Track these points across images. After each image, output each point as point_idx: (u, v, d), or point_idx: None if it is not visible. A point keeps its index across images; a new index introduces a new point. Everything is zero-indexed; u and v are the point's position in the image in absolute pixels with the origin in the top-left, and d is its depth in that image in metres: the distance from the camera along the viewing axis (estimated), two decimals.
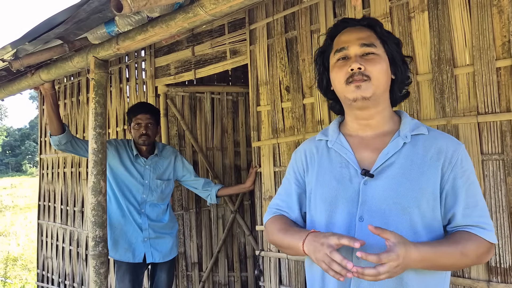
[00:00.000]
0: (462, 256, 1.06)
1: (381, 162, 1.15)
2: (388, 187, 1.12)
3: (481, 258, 1.11)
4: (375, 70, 1.14)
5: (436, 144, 1.15)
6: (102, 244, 2.09)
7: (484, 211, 1.13)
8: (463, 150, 1.15)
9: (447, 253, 1.05)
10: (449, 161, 1.13)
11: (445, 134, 1.20)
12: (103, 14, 1.68)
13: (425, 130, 1.19)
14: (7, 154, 50.79)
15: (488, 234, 1.10)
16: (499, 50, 1.70)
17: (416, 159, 1.14)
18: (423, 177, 1.12)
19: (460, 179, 1.12)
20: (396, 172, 1.13)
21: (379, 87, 1.15)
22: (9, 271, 6.57)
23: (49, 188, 4.75)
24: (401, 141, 1.16)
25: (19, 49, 2.03)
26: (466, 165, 1.14)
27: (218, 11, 1.49)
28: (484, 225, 1.11)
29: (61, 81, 4.57)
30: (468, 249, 1.07)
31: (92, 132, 2.10)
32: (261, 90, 2.62)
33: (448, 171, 1.13)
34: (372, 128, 1.21)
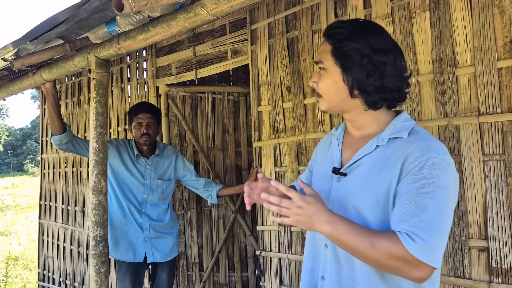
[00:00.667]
0: (370, 245, 1.02)
1: (352, 162, 1.18)
2: (350, 186, 1.16)
3: (398, 266, 1.01)
4: (322, 87, 1.20)
5: (405, 148, 1.09)
6: (103, 244, 2.09)
7: (423, 225, 1.00)
8: (433, 159, 1.04)
9: (356, 234, 1.03)
10: (408, 165, 1.06)
11: (426, 140, 1.10)
12: (104, 13, 1.68)
13: (405, 133, 1.13)
14: (9, 154, 50.87)
15: (410, 243, 0.99)
16: (500, 50, 1.69)
17: (379, 162, 1.13)
18: (378, 181, 1.10)
19: (408, 185, 1.05)
20: (360, 173, 1.16)
21: (331, 101, 1.20)
22: (10, 271, 6.58)
23: (50, 187, 4.75)
24: (375, 143, 1.16)
25: (20, 49, 2.04)
26: (427, 174, 1.03)
27: (219, 11, 1.49)
28: (413, 235, 1.00)
29: (63, 81, 4.58)
30: (380, 243, 1.01)
31: (93, 132, 2.10)
32: (262, 90, 2.62)
33: (403, 176, 1.07)
34: (358, 129, 1.24)
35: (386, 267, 1.03)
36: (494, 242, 1.68)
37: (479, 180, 1.72)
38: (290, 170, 2.44)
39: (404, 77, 1.17)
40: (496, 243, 1.67)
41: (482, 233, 1.72)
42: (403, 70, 1.17)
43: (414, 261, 0.99)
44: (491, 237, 1.68)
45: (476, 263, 1.73)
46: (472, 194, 1.74)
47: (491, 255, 1.68)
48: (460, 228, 1.77)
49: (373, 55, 1.12)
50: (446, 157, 1.06)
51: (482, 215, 1.72)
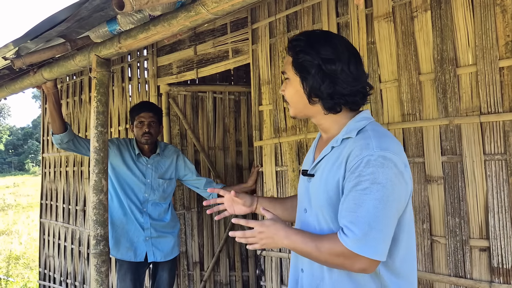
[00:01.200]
0: (316, 249, 1.16)
1: (315, 164, 1.30)
2: (314, 186, 1.28)
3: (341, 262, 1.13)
4: (287, 95, 1.32)
5: (348, 148, 1.18)
6: (104, 243, 2.09)
7: (357, 220, 1.09)
8: (368, 156, 1.11)
9: (306, 242, 1.18)
10: (349, 164, 1.15)
11: (367, 138, 1.16)
12: (105, 12, 1.68)
13: (354, 133, 1.21)
14: (10, 153, 50.93)
15: (345, 239, 1.10)
16: (502, 49, 1.69)
17: (331, 162, 1.23)
18: (329, 180, 1.21)
19: (348, 183, 1.14)
20: (319, 174, 1.27)
21: (297, 107, 1.32)
22: (12, 270, 6.59)
23: (51, 187, 4.76)
24: (330, 145, 1.26)
25: (21, 47, 2.04)
26: (362, 172, 1.10)
27: (220, 10, 1.49)
28: (347, 230, 1.10)
29: (64, 80, 4.58)
30: (323, 245, 1.14)
31: (93, 131, 2.10)
32: (263, 90, 2.62)
33: (347, 174, 1.16)
34: (324, 132, 1.34)
35: (334, 264, 1.16)
36: (496, 242, 1.67)
37: (480, 179, 1.72)
38: (291, 170, 2.43)
39: (360, 81, 1.24)
40: (498, 243, 1.67)
41: (484, 232, 1.71)
42: (359, 75, 1.24)
43: (352, 255, 1.10)
44: (493, 237, 1.68)
45: (477, 263, 1.72)
46: (473, 194, 1.74)
47: (492, 255, 1.68)
48: (461, 228, 1.76)
49: (323, 64, 1.21)
50: (385, 153, 1.11)
51: (484, 215, 1.71)
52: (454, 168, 1.79)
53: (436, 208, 1.84)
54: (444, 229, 1.81)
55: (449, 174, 1.81)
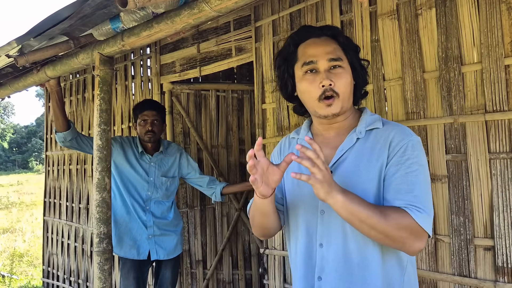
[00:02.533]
0: (381, 215, 1.06)
1: (336, 158, 1.22)
2: (341, 181, 1.17)
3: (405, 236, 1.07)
4: (342, 85, 1.19)
5: (385, 135, 1.18)
6: (107, 241, 2.10)
7: (418, 199, 1.10)
8: (412, 141, 1.16)
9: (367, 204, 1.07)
10: (393, 149, 1.15)
11: (400, 126, 1.21)
12: (108, 9, 1.67)
13: (380, 124, 1.22)
14: (14, 151, 51.12)
15: (416, 213, 1.07)
16: (507, 47, 1.67)
17: (366, 152, 1.19)
18: (371, 168, 1.16)
19: (395, 166, 1.14)
20: (347, 166, 1.20)
21: (345, 100, 1.21)
22: (15, 267, 6.62)
23: (54, 185, 4.77)
24: (355, 137, 1.22)
25: (24, 45, 2.04)
26: (410, 154, 1.14)
27: (223, 7, 1.48)
28: (415, 207, 1.08)
29: (67, 78, 4.59)
30: (389, 214, 1.07)
31: (97, 129, 2.10)
32: (266, 88, 2.61)
33: (390, 159, 1.15)
34: (335, 129, 1.28)
35: (393, 238, 1.07)
36: (500, 241, 1.66)
37: (485, 178, 1.71)
38: None
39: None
40: (502, 242, 1.66)
41: (488, 232, 1.70)
42: None
43: (419, 230, 1.08)
44: (497, 236, 1.67)
45: (481, 262, 1.71)
46: (478, 193, 1.73)
47: (497, 254, 1.67)
48: (466, 227, 1.75)
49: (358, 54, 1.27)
50: (419, 139, 1.19)
51: (488, 214, 1.70)
52: (459, 167, 1.78)
53: (440, 206, 1.83)
54: (448, 228, 1.80)
55: (454, 173, 1.79)
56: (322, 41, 1.24)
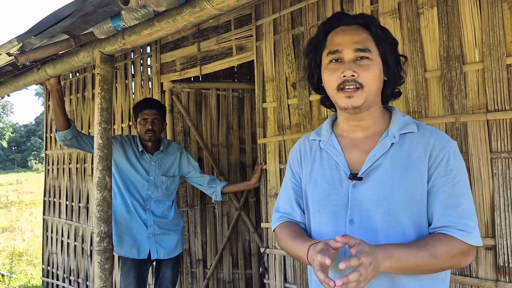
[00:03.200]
0: (431, 257, 1.02)
1: (369, 164, 1.14)
2: (375, 190, 1.11)
3: (457, 261, 1.07)
4: (368, 77, 1.11)
5: (423, 142, 1.12)
6: (107, 240, 2.09)
7: (467, 213, 1.08)
8: (452, 148, 1.11)
9: (414, 253, 1.02)
10: (434, 159, 1.10)
11: (436, 130, 1.16)
12: (109, 8, 1.67)
13: (415, 127, 1.15)
14: (13, 150, 51.05)
15: (466, 236, 1.05)
16: (509, 46, 1.67)
17: (403, 159, 1.12)
18: (409, 178, 1.10)
19: (442, 178, 1.09)
20: (382, 174, 1.12)
21: (370, 94, 1.13)
22: (15, 266, 6.61)
23: (54, 184, 4.76)
24: (388, 141, 1.14)
25: (25, 43, 2.03)
26: (453, 164, 1.09)
27: (225, 5, 1.48)
28: (463, 226, 1.06)
29: (67, 77, 4.58)
30: (439, 250, 1.03)
31: (97, 127, 2.10)
32: (267, 87, 2.61)
33: (432, 170, 1.10)
34: (362, 129, 1.20)
35: (448, 267, 1.08)
36: (502, 241, 1.66)
37: (486, 177, 1.71)
38: None
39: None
40: (504, 242, 1.65)
41: (489, 231, 1.70)
42: None
43: (470, 249, 1.06)
44: (499, 236, 1.67)
45: (483, 261, 1.71)
46: (479, 192, 1.73)
47: (498, 253, 1.66)
48: None
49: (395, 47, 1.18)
50: (456, 143, 1.14)
51: (490, 213, 1.70)
52: None
53: None
54: None
55: None
56: (352, 29, 1.16)
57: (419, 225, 1.11)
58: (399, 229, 1.10)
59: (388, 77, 1.17)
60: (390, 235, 1.09)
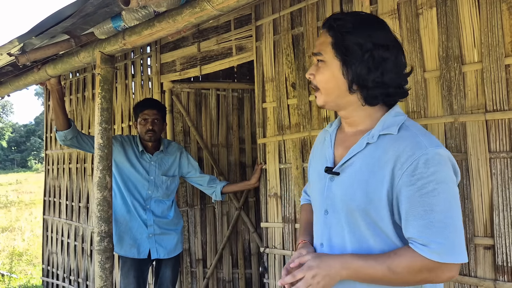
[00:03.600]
0: (389, 272, 1.01)
1: (344, 160, 1.16)
2: (343, 186, 1.14)
3: (424, 277, 1.02)
4: (320, 80, 1.16)
5: (395, 146, 1.07)
6: (108, 239, 2.10)
7: (435, 226, 0.99)
8: (425, 155, 1.02)
9: (372, 266, 1.03)
10: (401, 166, 1.04)
11: (415, 136, 1.07)
12: (110, 8, 1.68)
13: (395, 129, 1.09)
14: (13, 150, 51.04)
15: (427, 251, 0.99)
16: (508, 47, 1.68)
17: (371, 161, 1.10)
18: (371, 181, 1.08)
19: (407, 187, 1.03)
20: (352, 172, 1.13)
21: (329, 95, 1.16)
22: (15, 266, 6.62)
23: (54, 183, 4.77)
24: (365, 141, 1.13)
25: (26, 43, 2.04)
26: (422, 172, 1.01)
27: (225, 6, 1.49)
28: (425, 240, 1.00)
29: (67, 77, 4.59)
30: (397, 265, 1.01)
31: (98, 127, 2.11)
32: (267, 87, 2.62)
33: (398, 178, 1.04)
34: (351, 126, 1.21)
35: (414, 283, 1.04)
36: (500, 240, 1.67)
37: (485, 177, 1.71)
38: (295, 167, 2.43)
39: (404, 74, 1.16)
40: (502, 241, 1.66)
41: (488, 231, 1.71)
42: (404, 67, 1.16)
43: (438, 266, 1.00)
44: (497, 235, 1.67)
45: (481, 261, 1.72)
46: (478, 192, 1.73)
47: (497, 253, 1.67)
48: (466, 226, 1.76)
49: (375, 50, 1.09)
50: (439, 150, 1.04)
51: (488, 213, 1.71)
52: (459, 166, 1.78)
53: None
54: None
55: None
56: (321, 33, 1.20)
57: (380, 232, 1.09)
58: (357, 230, 1.11)
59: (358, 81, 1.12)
60: (352, 235, 1.11)
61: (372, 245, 1.10)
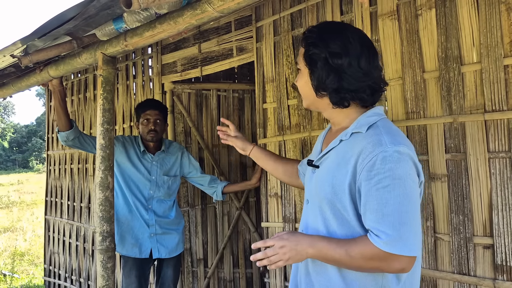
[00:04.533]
0: (346, 255, 1.11)
1: (322, 155, 1.29)
2: (318, 178, 1.27)
3: (376, 265, 1.10)
4: (299, 86, 1.32)
5: (359, 143, 1.16)
6: (110, 239, 2.12)
7: (386, 219, 1.07)
8: (384, 152, 1.10)
9: (334, 248, 1.13)
10: (361, 162, 1.13)
11: (378, 135, 1.15)
12: (112, 10, 1.69)
13: (364, 128, 1.19)
14: (14, 151, 51.11)
15: (378, 241, 1.07)
16: (507, 47, 1.69)
17: (339, 156, 1.21)
18: (336, 174, 1.19)
19: (365, 182, 1.11)
20: (325, 166, 1.26)
21: (307, 99, 1.31)
22: (17, 266, 6.64)
23: (56, 184, 4.79)
24: (340, 138, 1.24)
25: (29, 45, 2.05)
26: (380, 169, 1.09)
27: (225, 8, 1.50)
28: (377, 231, 1.08)
29: (68, 78, 4.61)
30: (354, 250, 1.11)
31: (99, 128, 2.12)
32: (267, 88, 2.63)
33: (359, 173, 1.14)
34: (334, 125, 1.35)
35: (367, 269, 1.13)
36: (500, 240, 1.68)
37: (484, 177, 1.73)
38: None
39: (371, 77, 1.21)
40: (502, 241, 1.67)
41: (487, 230, 1.72)
42: (369, 70, 1.21)
43: (388, 256, 1.07)
44: (496, 235, 1.68)
45: (481, 260, 1.73)
46: (477, 192, 1.75)
47: (496, 252, 1.68)
48: (465, 226, 1.77)
49: (329, 58, 1.19)
50: (399, 148, 1.11)
51: (488, 213, 1.72)
52: (458, 166, 1.80)
53: (440, 205, 1.85)
54: (448, 227, 1.82)
55: (453, 172, 1.81)
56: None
57: (344, 221, 1.19)
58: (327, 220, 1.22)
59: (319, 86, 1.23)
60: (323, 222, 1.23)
61: (338, 233, 1.20)
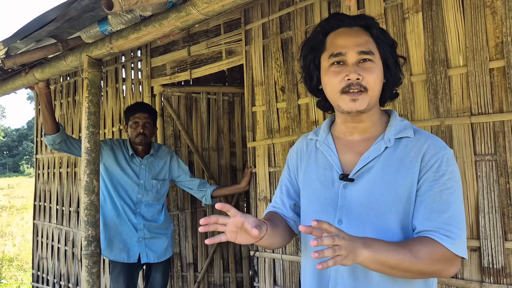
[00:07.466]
0: (412, 256, 0.99)
1: (361, 166, 1.14)
2: (365, 191, 1.11)
3: (439, 268, 1.03)
4: (371, 80, 1.10)
5: (417, 147, 1.11)
6: (95, 244, 2.09)
7: (453, 220, 1.04)
8: (446, 154, 1.09)
9: (395, 249, 0.99)
10: (426, 163, 1.09)
11: (432, 137, 1.14)
12: (95, 12, 1.67)
13: (411, 132, 1.14)
14: (5, 155, 50.67)
15: (448, 241, 1.02)
16: (492, 51, 1.70)
17: (394, 163, 1.11)
18: (399, 181, 1.09)
19: (430, 182, 1.07)
20: (373, 176, 1.12)
21: (373, 97, 1.12)
22: (5, 272, 6.55)
23: (44, 188, 4.74)
24: (383, 145, 1.13)
25: (11, 47, 2.03)
26: (445, 170, 1.07)
27: (210, 10, 1.49)
28: (446, 232, 1.03)
29: (57, 81, 4.57)
30: (420, 251, 1.00)
31: (85, 131, 2.10)
32: (256, 91, 2.62)
33: (422, 174, 1.09)
34: (359, 132, 1.19)
35: (428, 273, 1.04)
36: (486, 242, 1.68)
37: (471, 180, 1.73)
38: None
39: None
40: (488, 243, 1.67)
41: (474, 233, 1.72)
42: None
43: (453, 257, 1.03)
44: (483, 237, 1.68)
45: (468, 263, 1.73)
46: (464, 194, 1.74)
47: (483, 255, 1.68)
48: None
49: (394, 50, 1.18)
50: (452, 152, 1.12)
51: (474, 215, 1.72)
52: None
53: None
54: None
55: None
56: (354, 31, 1.14)
57: (406, 228, 1.10)
58: (388, 232, 1.09)
59: (387, 79, 1.16)
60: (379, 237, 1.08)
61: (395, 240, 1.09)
